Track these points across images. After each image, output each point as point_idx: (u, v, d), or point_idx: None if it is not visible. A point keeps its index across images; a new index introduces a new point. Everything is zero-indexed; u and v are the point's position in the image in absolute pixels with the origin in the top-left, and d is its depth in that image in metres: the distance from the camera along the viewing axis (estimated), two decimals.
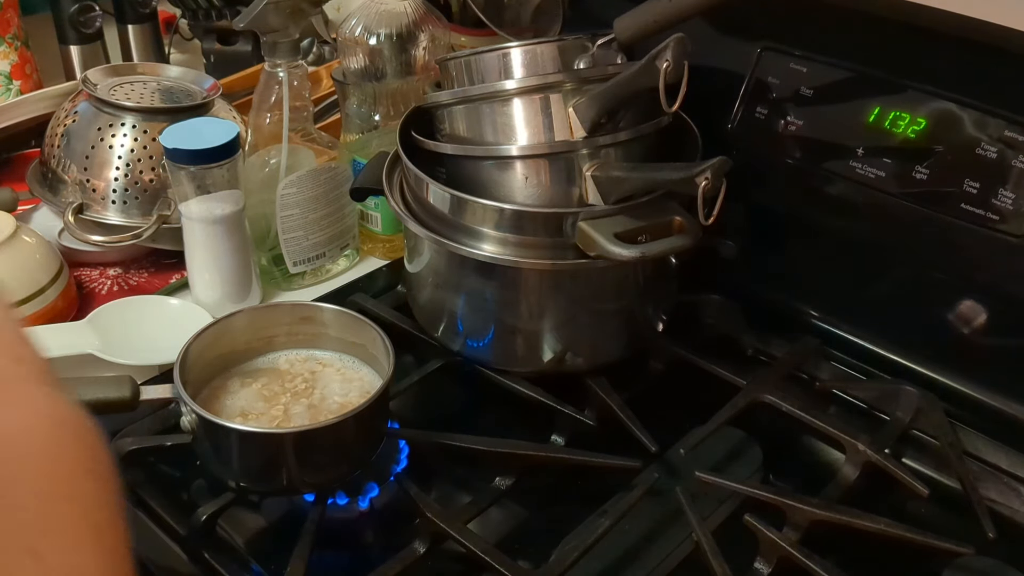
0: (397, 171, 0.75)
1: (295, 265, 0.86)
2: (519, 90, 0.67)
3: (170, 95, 0.89)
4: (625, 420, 0.69)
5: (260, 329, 0.67)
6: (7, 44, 1.07)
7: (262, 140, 0.83)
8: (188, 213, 0.77)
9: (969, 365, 0.72)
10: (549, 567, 0.58)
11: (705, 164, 0.58)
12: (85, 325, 0.77)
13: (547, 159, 0.67)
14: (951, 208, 0.69)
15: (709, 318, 0.81)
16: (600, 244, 0.62)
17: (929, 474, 0.69)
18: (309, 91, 0.84)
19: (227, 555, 0.60)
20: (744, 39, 0.79)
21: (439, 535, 0.60)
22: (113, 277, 0.88)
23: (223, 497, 0.61)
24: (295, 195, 0.82)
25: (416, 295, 0.78)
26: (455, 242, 0.67)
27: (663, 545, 0.62)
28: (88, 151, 0.85)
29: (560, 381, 0.72)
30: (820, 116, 0.75)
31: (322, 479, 0.62)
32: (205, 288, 0.81)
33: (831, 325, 0.79)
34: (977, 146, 0.67)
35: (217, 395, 0.64)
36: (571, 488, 0.68)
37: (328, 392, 0.65)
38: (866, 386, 0.75)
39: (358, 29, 0.88)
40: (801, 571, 0.58)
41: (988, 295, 0.70)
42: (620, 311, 0.72)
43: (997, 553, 0.60)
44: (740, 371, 0.74)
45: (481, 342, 0.73)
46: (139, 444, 0.66)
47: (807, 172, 0.76)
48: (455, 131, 0.71)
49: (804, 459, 0.72)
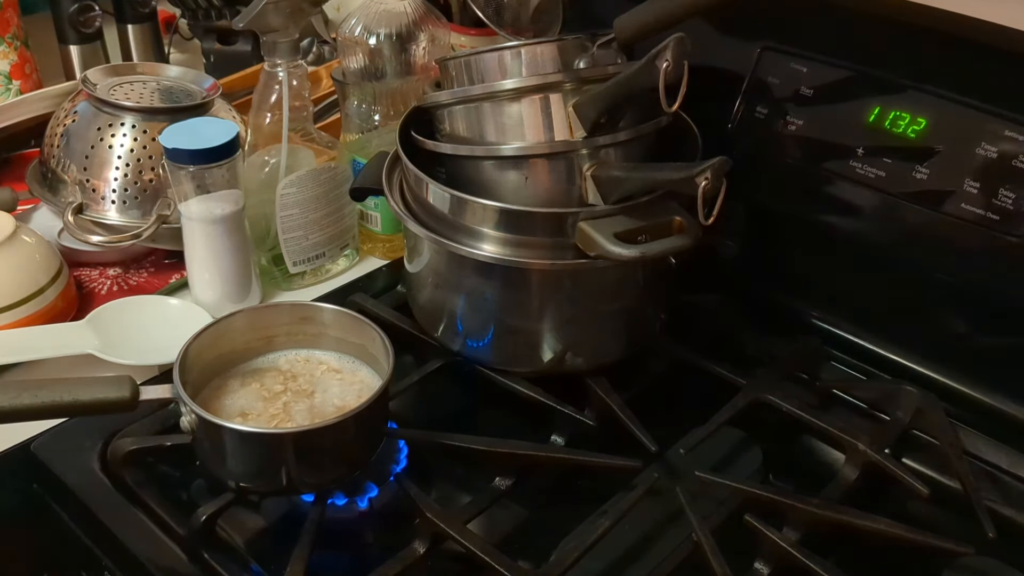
0: (397, 171, 0.75)
1: (295, 265, 0.86)
2: (519, 90, 0.67)
3: (170, 95, 0.89)
4: (625, 420, 0.69)
5: (260, 329, 0.67)
6: (7, 44, 1.07)
7: (262, 140, 0.83)
8: (188, 213, 0.77)
9: (969, 365, 0.72)
10: (549, 567, 0.58)
11: (705, 164, 0.58)
12: (85, 325, 0.77)
13: (547, 159, 0.67)
14: (951, 208, 0.69)
15: (709, 318, 0.81)
16: (600, 244, 0.62)
17: (929, 474, 0.69)
18: (309, 91, 0.84)
19: (227, 555, 0.60)
20: (744, 39, 0.79)
21: (439, 535, 0.60)
22: (113, 277, 0.88)
23: (223, 497, 0.61)
24: (295, 195, 0.82)
25: (416, 295, 0.78)
26: (455, 242, 0.67)
27: (663, 545, 0.62)
28: (88, 151, 0.85)
29: (560, 381, 0.72)
30: (820, 116, 0.75)
31: (322, 479, 0.62)
32: (205, 288, 0.81)
33: (831, 325, 0.79)
34: (977, 146, 0.67)
35: (217, 395, 0.64)
36: (571, 488, 0.68)
37: (328, 392, 0.65)
38: (866, 386, 0.75)
39: (358, 29, 0.88)
40: (801, 571, 0.58)
41: (988, 295, 0.70)
42: (620, 311, 0.72)
43: (997, 553, 0.60)
44: (740, 371, 0.74)
45: (481, 342, 0.73)
46: (139, 444, 0.66)
47: (807, 172, 0.76)
48: (455, 131, 0.71)
49: (804, 459, 0.72)
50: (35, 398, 0.56)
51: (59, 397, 0.56)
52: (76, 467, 0.65)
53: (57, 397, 0.56)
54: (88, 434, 0.67)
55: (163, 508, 0.62)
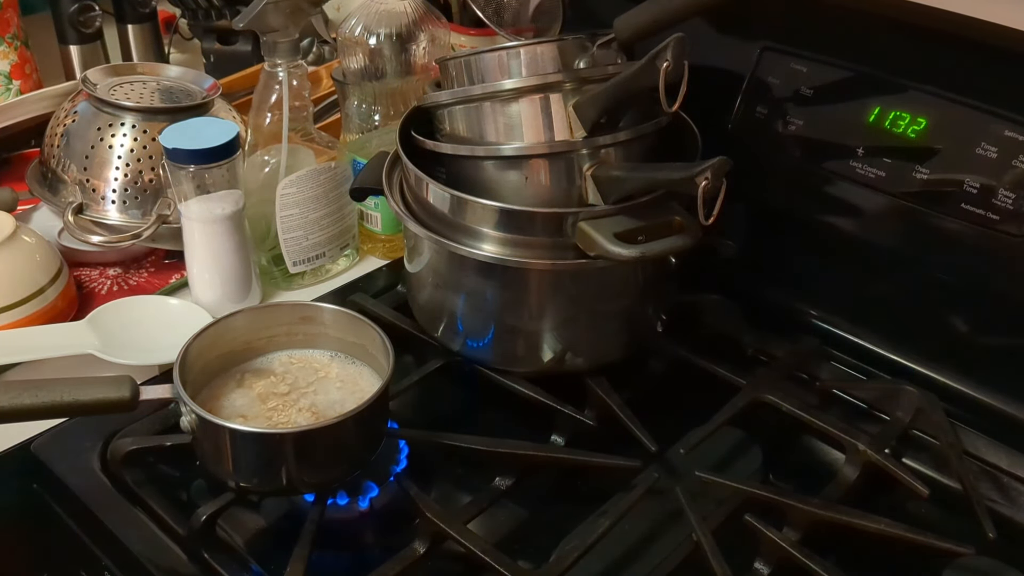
0: (397, 171, 0.75)
1: (295, 265, 0.86)
2: (519, 90, 0.67)
3: (170, 95, 0.89)
4: (625, 420, 0.69)
5: (260, 329, 0.67)
6: (7, 44, 1.07)
7: (262, 140, 0.83)
8: (188, 213, 0.77)
9: (969, 365, 0.72)
10: (549, 567, 0.58)
11: (705, 164, 0.58)
12: (85, 325, 0.77)
13: (547, 159, 0.67)
14: (951, 208, 0.69)
15: (709, 318, 0.81)
16: (600, 244, 0.62)
17: (929, 474, 0.69)
18: (309, 91, 0.84)
19: (227, 555, 0.60)
20: (744, 39, 0.79)
21: (439, 535, 0.60)
22: (113, 277, 0.88)
23: (223, 497, 0.61)
24: (295, 195, 0.82)
25: (416, 295, 0.78)
26: (455, 242, 0.67)
27: (663, 545, 0.62)
28: (88, 151, 0.85)
29: (560, 381, 0.72)
30: (820, 116, 0.75)
31: (322, 479, 0.62)
32: (205, 288, 0.81)
33: (831, 325, 0.79)
34: (977, 146, 0.67)
35: (217, 395, 0.64)
36: (571, 488, 0.68)
37: (328, 393, 0.65)
38: (866, 386, 0.75)
39: (358, 29, 0.88)
40: (801, 571, 0.58)
41: (988, 295, 0.70)
42: (620, 311, 0.72)
43: (997, 553, 0.60)
44: (740, 371, 0.74)
45: (481, 342, 0.73)
46: (139, 444, 0.66)
47: (807, 172, 0.76)
48: (455, 131, 0.71)
49: (804, 459, 0.72)
50: (35, 398, 0.56)
51: (59, 397, 0.56)
52: (76, 467, 0.65)
53: (57, 397, 0.56)
54: (88, 434, 0.67)
55: (163, 508, 0.62)
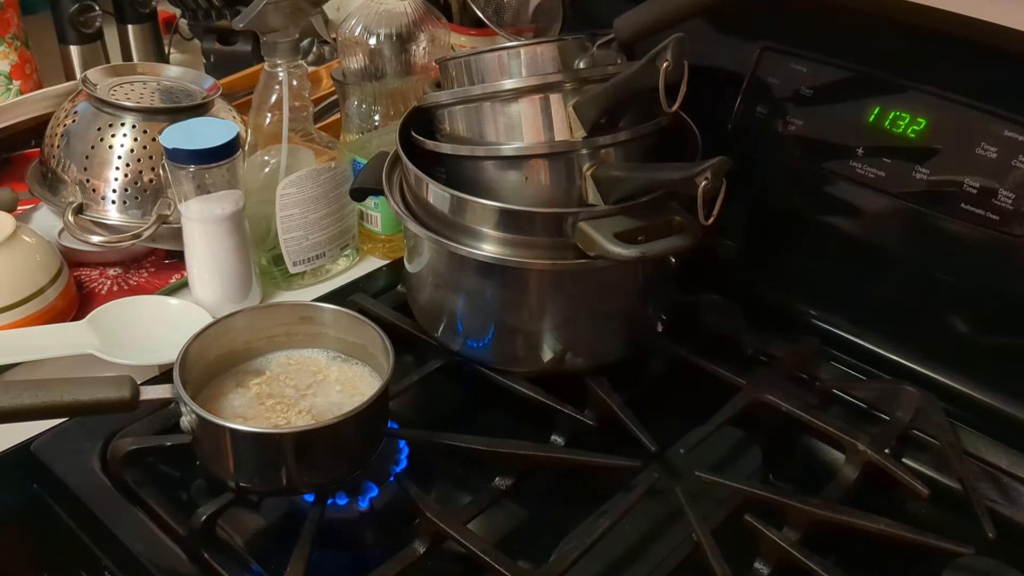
0: (397, 171, 0.75)
1: (295, 265, 0.86)
2: (519, 90, 0.67)
3: (170, 95, 0.89)
4: (625, 420, 0.69)
5: (260, 329, 0.67)
6: (7, 44, 1.07)
7: (262, 140, 0.83)
8: (188, 213, 0.77)
9: (969, 365, 0.72)
10: (549, 567, 0.58)
11: (705, 164, 0.58)
12: (85, 325, 0.77)
13: (547, 159, 0.67)
14: (951, 208, 0.69)
15: (709, 318, 0.81)
16: (600, 244, 0.62)
17: (929, 474, 0.69)
18: (309, 91, 0.84)
19: (227, 555, 0.60)
20: (744, 39, 0.79)
21: (439, 535, 0.60)
22: (113, 277, 0.88)
23: (223, 497, 0.61)
24: (295, 195, 0.82)
25: (416, 295, 0.78)
26: (455, 242, 0.67)
27: (663, 545, 0.62)
28: (88, 151, 0.85)
29: (560, 381, 0.72)
30: (820, 116, 0.75)
31: (322, 479, 0.62)
32: (205, 288, 0.81)
33: (831, 325, 0.79)
34: (977, 146, 0.67)
35: (217, 395, 0.64)
36: (571, 488, 0.68)
37: (328, 393, 0.65)
38: (866, 386, 0.75)
39: (358, 29, 0.88)
40: (801, 571, 0.58)
41: (988, 295, 0.70)
42: (620, 311, 0.72)
43: (997, 553, 0.60)
44: (740, 371, 0.74)
45: (481, 342, 0.73)
46: (139, 444, 0.66)
47: (807, 172, 0.76)
48: (455, 131, 0.71)
49: (804, 459, 0.72)
50: (35, 398, 0.56)
51: (59, 397, 0.56)
52: (76, 467, 0.65)
53: (57, 397, 0.56)
54: (88, 434, 0.67)
55: (163, 508, 0.62)
